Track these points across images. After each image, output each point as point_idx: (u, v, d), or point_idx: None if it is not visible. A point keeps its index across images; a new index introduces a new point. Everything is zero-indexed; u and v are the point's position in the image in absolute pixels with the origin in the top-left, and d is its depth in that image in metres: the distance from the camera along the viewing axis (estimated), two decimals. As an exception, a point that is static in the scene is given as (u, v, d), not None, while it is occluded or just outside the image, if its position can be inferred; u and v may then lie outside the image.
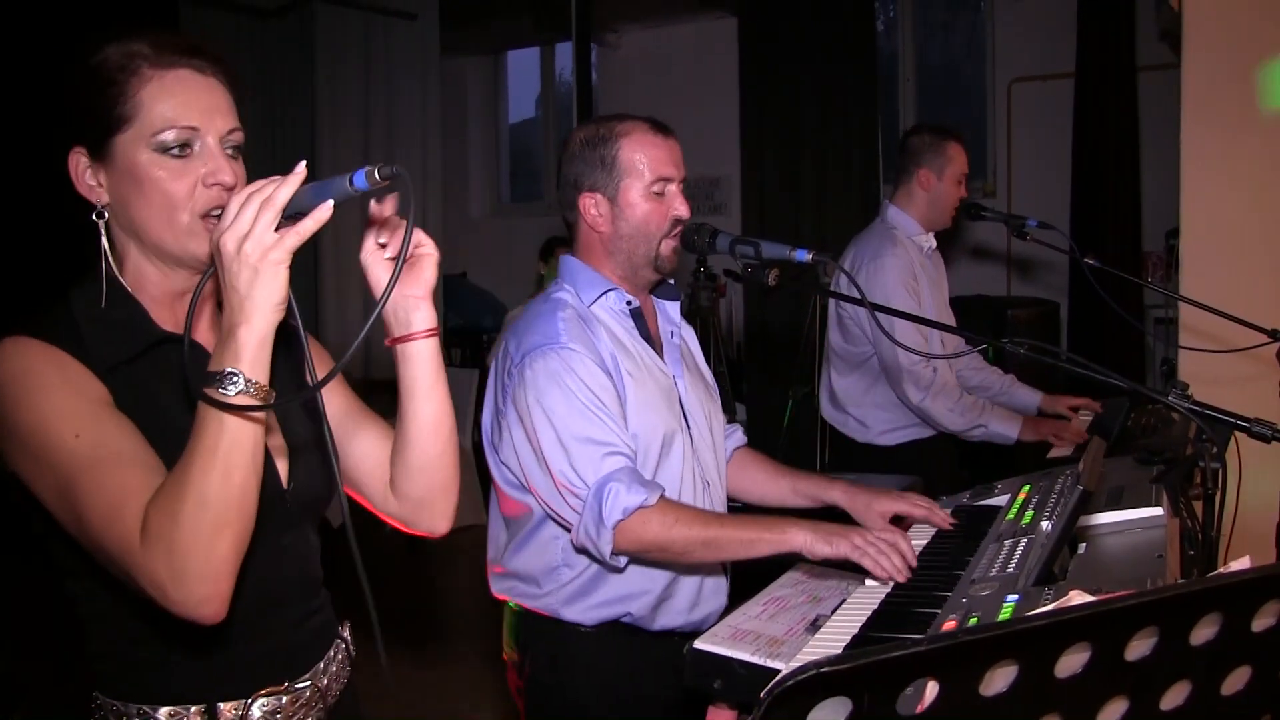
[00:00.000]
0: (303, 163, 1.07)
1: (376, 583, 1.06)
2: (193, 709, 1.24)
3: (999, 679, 0.63)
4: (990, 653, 0.62)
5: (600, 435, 1.74)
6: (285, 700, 1.29)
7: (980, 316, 4.76)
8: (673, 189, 1.90)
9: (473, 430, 5.06)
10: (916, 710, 0.62)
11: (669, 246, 1.90)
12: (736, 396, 5.65)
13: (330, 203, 1.04)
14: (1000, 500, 1.91)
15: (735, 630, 1.49)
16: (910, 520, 1.92)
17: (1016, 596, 1.31)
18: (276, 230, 1.03)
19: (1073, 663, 0.64)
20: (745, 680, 1.39)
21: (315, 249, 6.47)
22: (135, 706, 1.24)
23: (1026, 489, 1.85)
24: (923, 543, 1.78)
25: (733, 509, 2.11)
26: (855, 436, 3.24)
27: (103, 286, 1.22)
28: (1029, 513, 1.69)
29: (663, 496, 1.73)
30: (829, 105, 5.73)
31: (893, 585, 1.57)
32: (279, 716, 1.29)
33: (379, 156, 6.94)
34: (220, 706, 1.25)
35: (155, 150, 1.17)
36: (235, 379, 1.02)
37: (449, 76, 7.31)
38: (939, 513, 1.89)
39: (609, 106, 6.90)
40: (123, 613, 1.21)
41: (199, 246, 1.19)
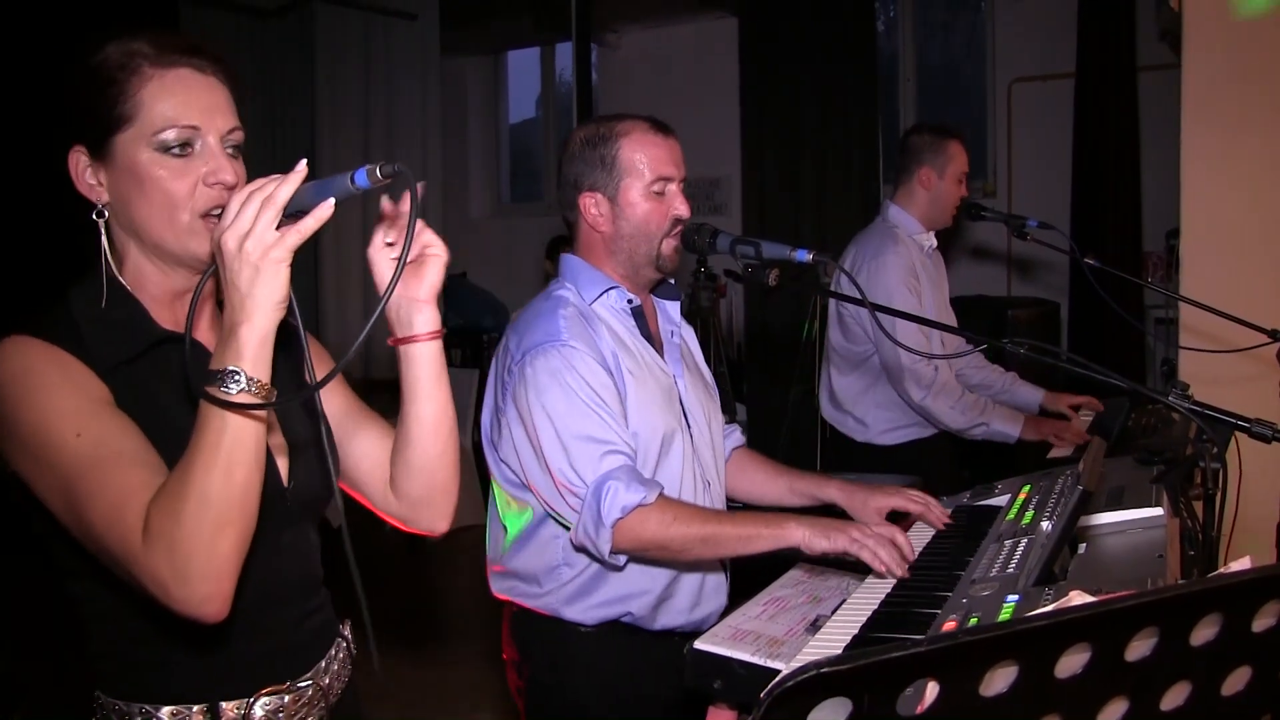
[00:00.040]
0: (303, 161, 1.07)
1: (376, 583, 1.06)
2: (195, 708, 1.24)
3: (999, 679, 0.63)
4: (990, 653, 0.62)
5: (600, 434, 1.74)
6: (288, 699, 1.30)
7: (980, 317, 4.75)
8: (673, 188, 1.89)
9: (473, 430, 5.06)
10: (916, 711, 0.62)
11: (670, 246, 1.90)
12: (737, 396, 5.65)
13: (332, 201, 1.04)
14: (1000, 500, 1.91)
15: (735, 630, 1.49)
16: (910, 519, 1.92)
17: (1017, 597, 1.30)
18: (278, 228, 1.03)
19: (1073, 663, 0.64)
20: (745, 680, 1.39)
21: (316, 248, 6.47)
22: (138, 706, 1.24)
23: (1027, 489, 1.85)
24: (923, 543, 1.77)
25: (731, 508, 2.11)
26: (855, 436, 3.24)
27: (103, 286, 1.22)
28: (1029, 513, 1.69)
29: (661, 494, 1.72)
30: (829, 105, 5.73)
31: (893, 585, 1.57)
32: (281, 715, 1.29)
33: (379, 156, 6.90)
34: (223, 706, 1.25)
35: (156, 149, 1.17)
36: (237, 377, 1.02)
37: (449, 76, 7.31)
38: (935, 507, 1.89)
39: (609, 106, 6.90)
40: (123, 612, 1.21)
41: (199, 246, 1.19)
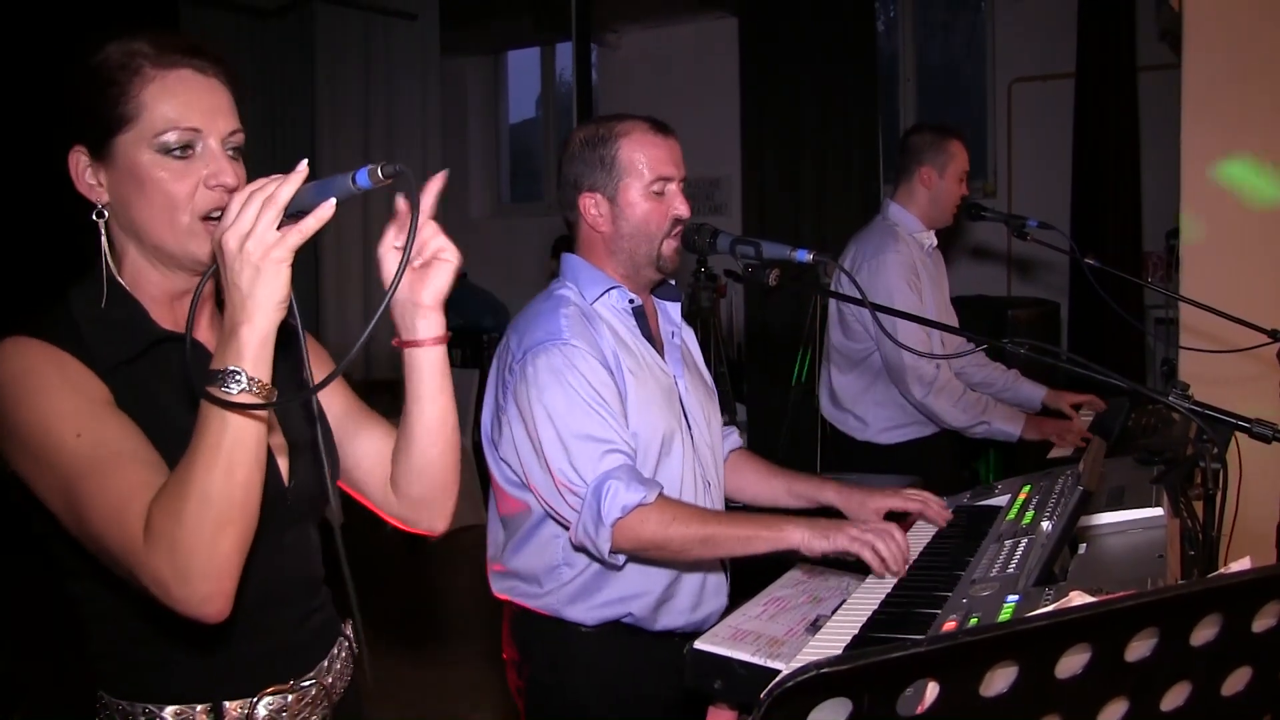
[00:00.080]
0: (304, 161, 1.07)
1: (376, 582, 1.07)
2: (198, 708, 1.24)
3: (999, 680, 0.63)
4: (990, 653, 0.62)
5: (600, 433, 1.74)
6: (291, 699, 1.30)
7: (980, 317, 4.74)
8: (673, 188, 1.89)
9: (473, 430, 5.06)
10: (916, 711, 0.62)
11: (670, 246, 1.90)
12: (737, 397, 5.65)
13: (333, 201, 1.04)
14: (1000, 500, 1.91)
15: (735, 630, 1.49)
16: (910, 519, 1.92)
17: (1017, 597, 1.31)
18: (279, 228, 1.03)
19: (1073, 663, 0.64)
20: (745, 680, 1.39)
21: (316, 248, 6.47)
22: (141, 706, 1.24)
23: (1027, 489, 1.85)
24: (923, 543, 1.78)
25: (730, 509, 2.11)
26: (855, 435, 3.24)
27: (103, 286, 1.22)
28: (1029, 513, 1.69)
29: (661, 494, 1.72)
30: (829, 105, 5.73)
31: (893, 586, 1.57)
32: (285, 715, 1.29)
33: (379, 156, 6.92)
34: (226, 705, 1.25)
35: (157, 151, 1.17)
36: (238, 377, 1.02)
37: (449, 76, 7.31)
38: (934, 503, 1.89)
39: (609, 106, 6.90)
40: (123, 612, 1.21)
41: (199, 248, 1.19)
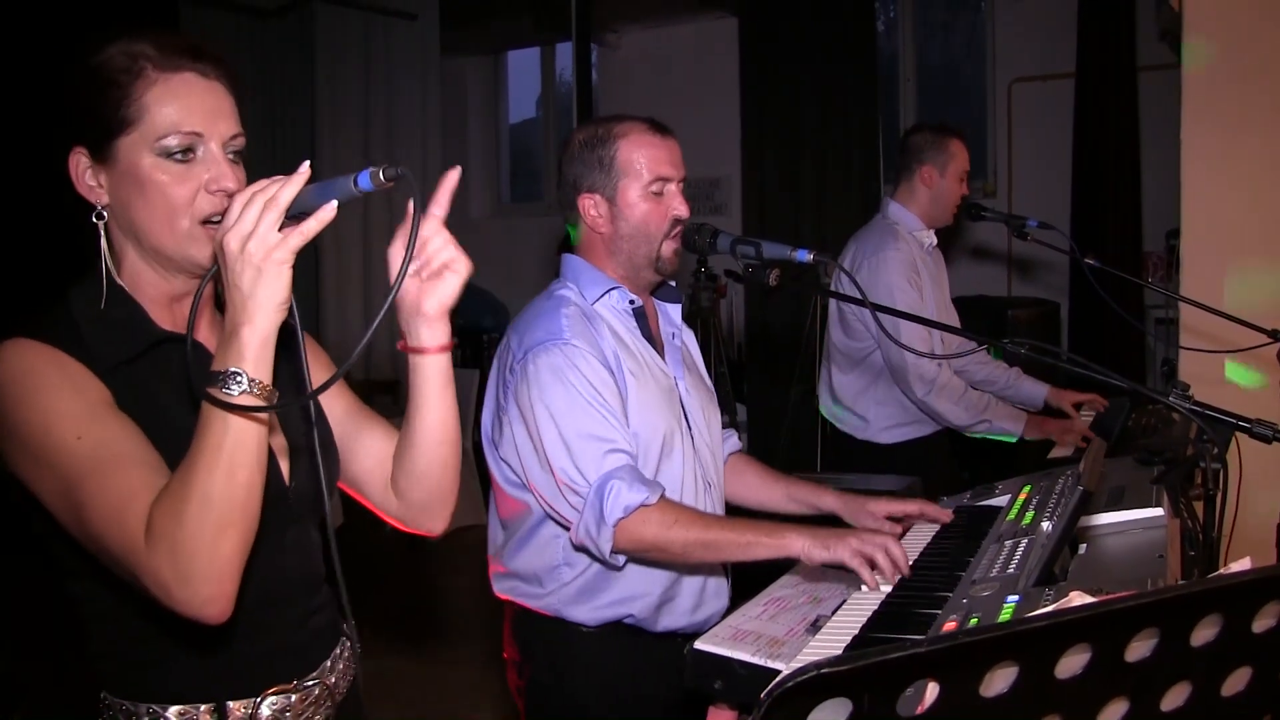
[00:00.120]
0: (306, 163, 1.07)
1: (376, 582, 1.07)
2: (202, 707, 1.24)
3: (999, 680, 0.63)
4: (990, 654, 0.62)
5: (602, 432, 1.74)
6: (295, 698, 1.30)
7: (981, 317, 4.75)
8: (672, 189, 1.89)
9: (473, 430, 5.06)
10: (916, 711, 0.62)
11: (670, 248, 1.89)
12: (737, 397, 5.64)
13: (334, 203, 1.04)
14: (1001, 501, 1.91)
15: (736, 631, 1.49)
16: (909, 521, 1.92)
17: (1017, 597, 1.31)
18: (280, 230, 1.03)
19: (1073, 664, 0.64)
20: (746, 681, 1.39)
21: (316, 249, 6.46)
22: (145, 706, 1.24)
23: (1027, 489, 1.85)
24: (924, 543, 1.78)
25: (729, 512, 2.11)
26: (855, 433, 3.24)
27: (102, 287, 1.22)
28: (1029, 513, 1.69)
29: (663, 496, 1.72)
30: (829, 105, 5.73)
31: (894, 586, 1.57)
32: (288, 714, 1.29)
33: (379, 156, 6.96)
34: (229, 705, 1.25)
35: (158, 154, 1.17)
36: (239, 379, 1.02)
37: (449, 76, 7.30)
38: (933, 508, 1.90)
39: (609, 107, 6.90)
40: (124, 612, 1.21)
41: (198, 251, 1.20)
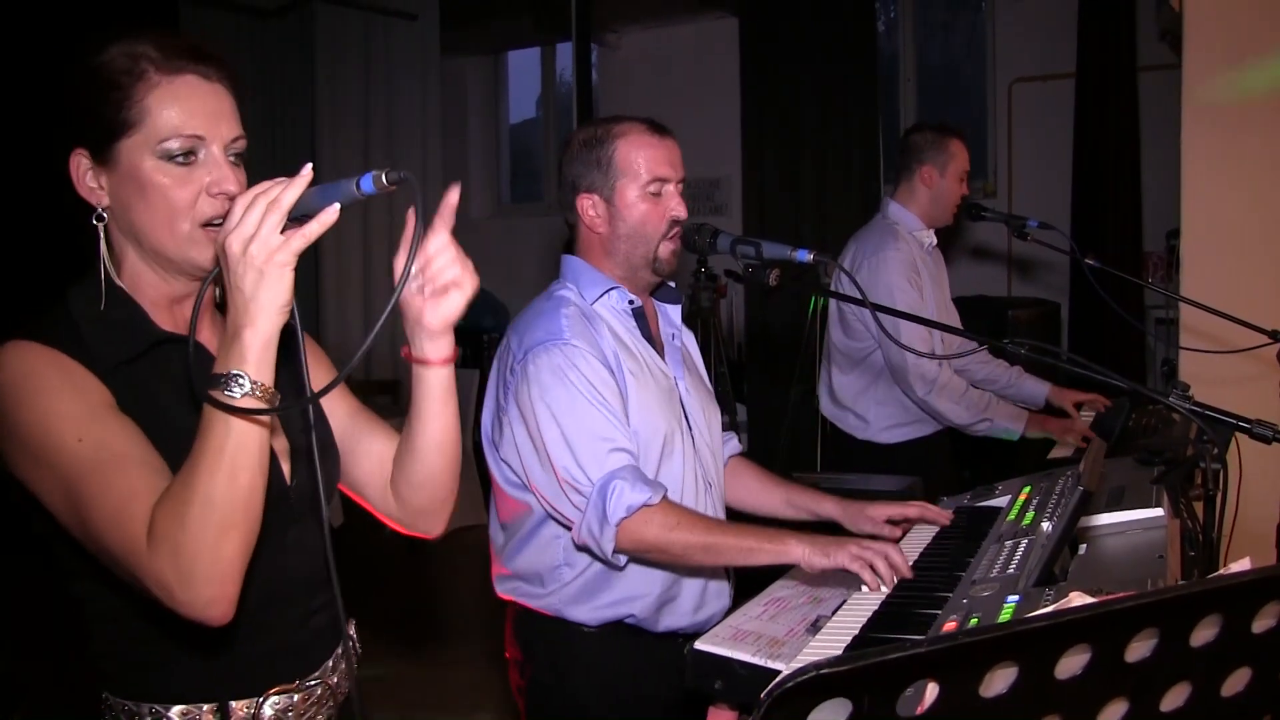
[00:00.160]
0: (309, 165, 1.07)
1: (376, 582, 1.07)
2: (205, 707, 1.24)
3: (999, 680, 0.63)
4: (990, 654, 0.62)
5: (604, 431, 1.74)
6: (297, 698, 1.30)
7: (981, 317, 4.74)
8: (670, 189, 1.89)
9: (473, 430, 5.06)
10: (916, 712, 0.62)
11: (667, 249, 1.89)
12: (737, 397, 5.64)
13: (336, 206, 1.04)
14: (1001, 501, 1.91)
15: (736, 631, 1.49)
16: (909, 524, 1.92)
17: (1017, 597, 1.31)
18: (282, 232, 1.03)
19: (1073, 664, 0.64)
20: (746, 681, 1.39)
21: (316, 251, 6.45)
22: (147, 706, 1.24)
23: (1027, 490, 1.85)
24: (924, 543, 1.78)
25: (728, 516, 2.10)
26: (855, 433, 3.24)
27: (101, 288, 1.22)
28: (1030, 513, 1.69)
29: (665, 497, 1.73)
30: (829, 105, 5.73)
31: (894, 586, 1.57)
32: (290, 714, 1.29)
33: (379, 157, 6.95)
34: (232, 705, 1.25)
35: (160, 157, 1.17)
36: (241, 381, 1.02)
37: (449, 76, 7.30)
38: (933, 510, 1.90)
39: (609, 107, 6.89)
40: (125, 613, 1.21)
41: (199, 254, 1.20)
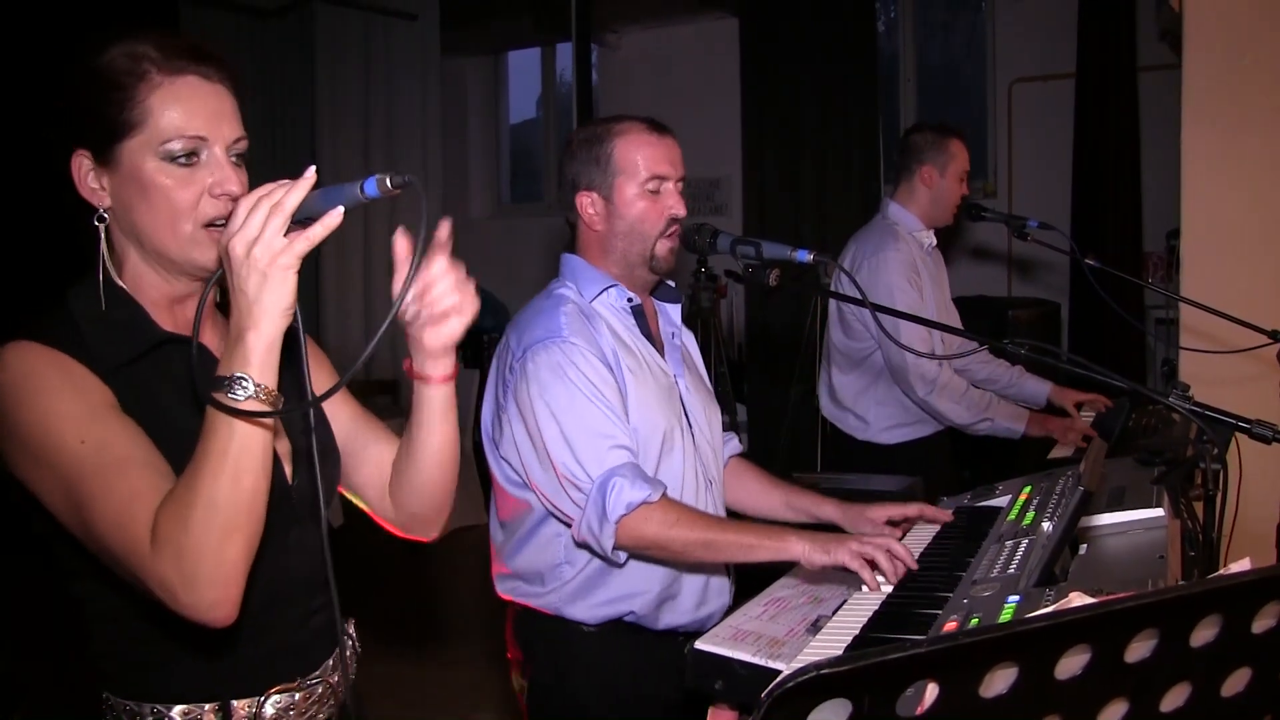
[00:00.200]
0: (312, 168, 1.07)
1: (376, 582, 1.07)
2: (206, 707, 1.24)
3: (999, 680, 0.63)
4: (990, 654, 0.62)
5: (604, 428, 1.74)
6: (299, 697, 1.30)
7: (981, 317, 4.73)
8: (669, 187, 1.89)
9: (473, 430, 5.06)
10: (916, 712, 0.62)
11: (665, 247, 1.89)
12: (737, 397, 5.64)
13: (341, 209, 1.04)
14: (1001, 501, 1.90)
15: (736, 631, 1.49)
16: (909, 524, 1.92)
17: (1017, 598, 1.30)
18: (285, 235, 1.03)
19: (1073, 664, 0.64)
20: (746, 681, 1.39)
21: (317, 254, 6.42)
22: (149, 706, 1.24)
23: (1028, 490, 1.85)
24: (924, 543, 1.78)
25: (729, 516, 2.11)
26: (855, 434, 3.24)
27: (101, 288, 1.22)
28: (1030, 514, 1.69)
29: (665, 494, 1.73)
30: (829, 105, 5.73)
31: (894, 586, 1.57)
32: (292, 713, 1.30)
33: (379, 157, 6.95)
34: (234, 704, 1.25)
35: (162, 158, 1.17)
36: (245, 384, 1.02)
37: (449, 76, 7.30)
38: (932, 511, 1.90)
39: (609, 107, 6.89)
40: (127, 613, 1.21)
41: (201, 255, 1.20)
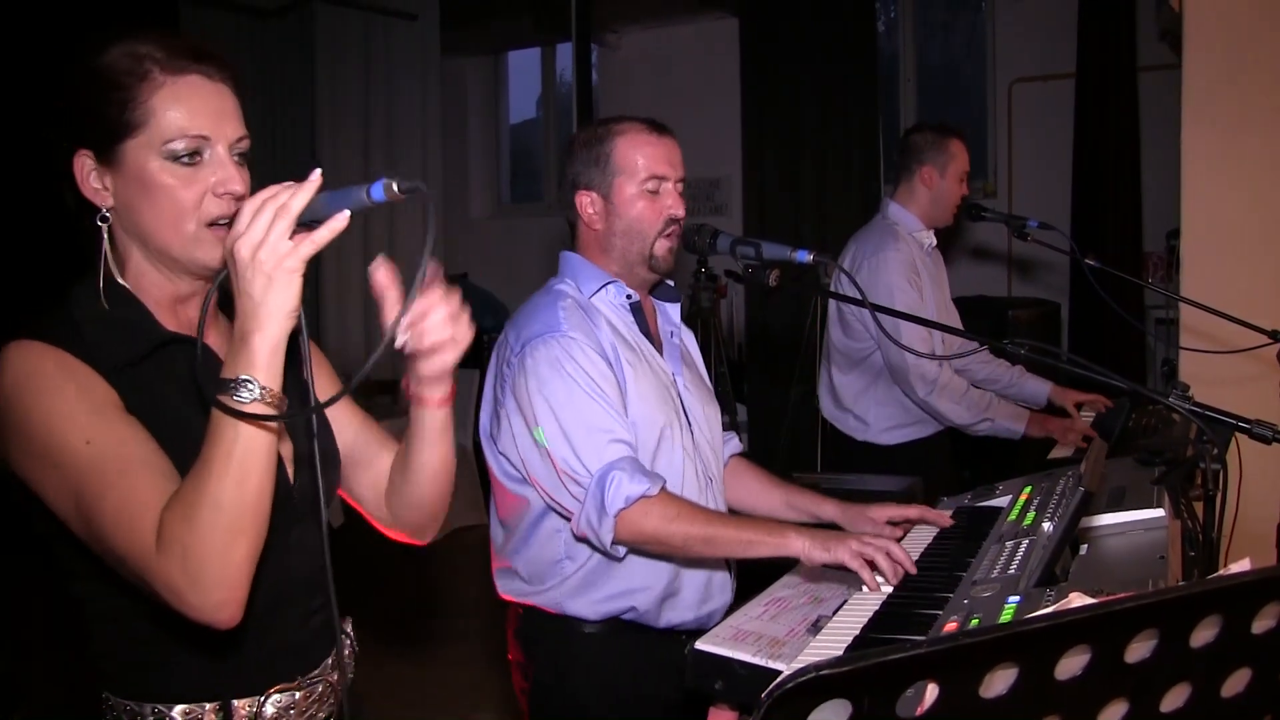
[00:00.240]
0: (318, 171, 1.07)
1: (377, 582, 1.07)
2: (207, 706, 1.24)
3: (999, 681, 0.63)
4: (990, 655, 0.62)
5: (603, 422, 1.75)
6: (299, 695, 1.30)
7: (981, 317, 4.73)
8: (668, 187, 1.89)
9: (473, 430, 5.06)
10: (916, 712, 0.62)
11: (664, 246, 1.90)
12: (737, 397, 5.64)
13: (346, 213, 1.04)
14: (1002, 501, 1.90)
15: (736, 631, 1.49)
16: (909, 525, 1.92)
17: (1018, 598, 1.30)
18: (290, 238, 1.03)
19: (1073, 665, 0.64)
20: (746, 681, 1.39)
21: (318, 257, 6.44)
22: (149, 705, 1.24)
23: (1028, 490, 1.85)
24: (924, 544, 1.77)
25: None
26: (855, 435, 3.24)
27: (103, 288, 1.22)
28: (1030, 514, 1.69)
29: (664, 489, 1.73)
30: (829, 105, 5.73)
31: (894, 587, 1.57)
32: (293, 712, 1.30)
33: (379, 156, 6.95)
34: (234, 704, 1.25)
35: (165, 158, 1.17)
36: (250, 386, 1.03)
37: (449, 76, 7.30)
38: (932, 513, 1.90)
39: (609, 107, 6.89)
40: (128, 613, 1.21)
41: (205, 254, 1.20)
